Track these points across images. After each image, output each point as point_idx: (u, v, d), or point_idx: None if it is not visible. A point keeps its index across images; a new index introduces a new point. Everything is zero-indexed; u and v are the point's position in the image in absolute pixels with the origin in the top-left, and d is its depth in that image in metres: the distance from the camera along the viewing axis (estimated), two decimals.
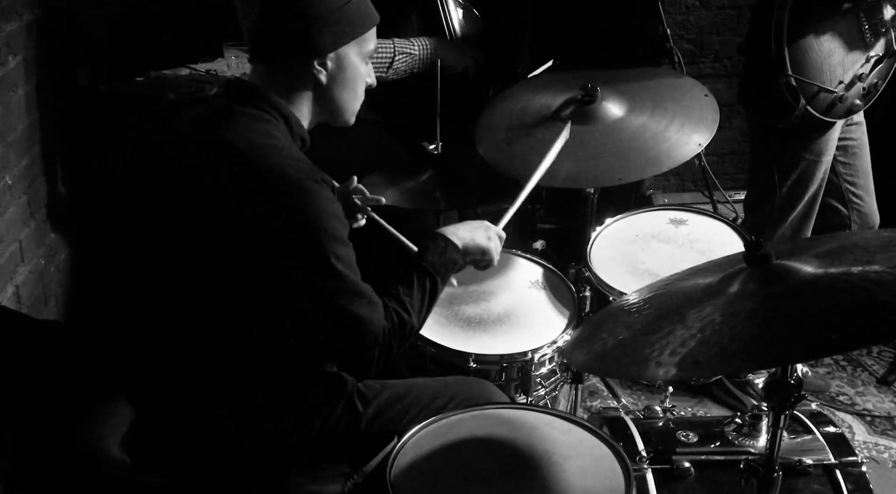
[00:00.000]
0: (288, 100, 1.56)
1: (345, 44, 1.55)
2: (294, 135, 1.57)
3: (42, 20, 2.48)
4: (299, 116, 1.58)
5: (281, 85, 1.56)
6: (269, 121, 1.53)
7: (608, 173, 2.04)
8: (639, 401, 2.74)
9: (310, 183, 1.46)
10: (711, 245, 2.15)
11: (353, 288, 1.48)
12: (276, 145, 1.50)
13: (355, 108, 1.65)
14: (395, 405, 1.68)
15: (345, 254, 1.48)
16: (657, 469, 1.55)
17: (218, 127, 1.52)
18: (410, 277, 1.62)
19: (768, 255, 1.25)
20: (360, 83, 1.62)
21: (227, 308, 1.53)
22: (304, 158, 1.53)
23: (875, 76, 2.50)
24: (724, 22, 3.63)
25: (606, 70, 2.30)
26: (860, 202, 2.74)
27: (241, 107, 1.54)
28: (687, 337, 1.16)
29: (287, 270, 1.46)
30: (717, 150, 3.72)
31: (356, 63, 1.59)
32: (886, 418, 2.70)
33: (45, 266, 2.47)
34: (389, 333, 1.52)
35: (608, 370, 1.83)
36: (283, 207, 1.44)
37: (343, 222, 1.50)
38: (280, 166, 1.46)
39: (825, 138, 2.56)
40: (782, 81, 2.40)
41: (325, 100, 1.60)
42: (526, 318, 1.96)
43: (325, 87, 1.57)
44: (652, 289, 1.46)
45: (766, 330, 1.13)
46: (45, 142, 2.49)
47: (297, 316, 1.51)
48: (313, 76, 1.55)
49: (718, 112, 2.12)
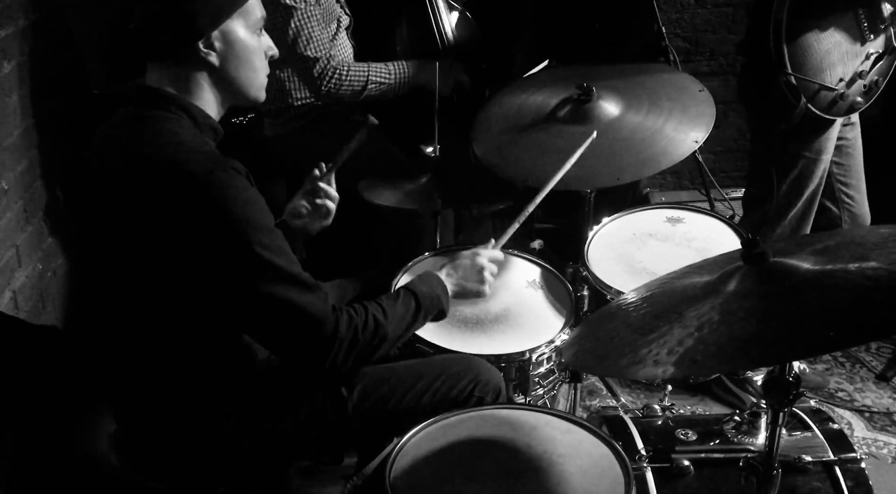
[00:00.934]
0: (187, 93, 1.54)
1: (225, 20, 1.51)
2: (201, 127, 1.55)
3: (37, 25, 2.48)
4: (202, 106, 1.56)
5: (176, 78, 1.54)
6: (171, 120, 1.52)
7: (605, 174, 2.04)
8: (638, 400, 2.74)
9: (217, 173, 1.44)
10: (708, 243, 2.14)
11: (285, 274, 1.47)
12: (177, 142, 1.48)
13: (261, 83, 1.62)
14: (381, 387, 1.68)
15: (269, 241, 1.47)
16: (657, 468, 1.54)
17: (124, 135, 1.52)
18: (398, 294, 1.65)
19: (765, 253, 1.25)
20: (257, 56, 1.58)
21: (184, 309, 1.52)
22: (209, 150, 1.51)
23: (875, 73, 2.50)
24: (720, 20, 3.63)
25: (602, 67, 2.30)
26: (851, 202, 2.74)
27: (146, 111, 1.53)
28: (685, 335, 1.16)
29: (214, 264, 1.46)
30: (714, 148, 3.72)
31: (245, 37, 1.55)
32: (885, 414, 2.71)
33: (42, 271, 2.47)
34: (355, 327, 1.52)
35: (606, 369, 1.83)
36: (193, 201, 1.43)
37: (262, 208, 1.48)
38: (182, 162, 1.45)
39: (825, 137, 2.56)
40: (782, 80, 2.40)
41: (225, 82, 1.56)
42: (523, 318, 1.96)
43: (219, 69, 1.54)
44: (649, 288, 1.46)
45: (763, 328, 1.13)
46: (42, 146, 2.49)
47: (238, 310, 1.50)
48: (203, 60, 1.52)
49: (714, 107, 2.11)
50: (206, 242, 1.45)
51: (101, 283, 1.64)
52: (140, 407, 1.64)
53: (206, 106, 1.57)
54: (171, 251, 1.47)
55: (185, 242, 1.46)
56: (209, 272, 1.47)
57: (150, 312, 1.55)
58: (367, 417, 1.66)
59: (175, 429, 1.61)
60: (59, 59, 2.67)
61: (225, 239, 1.44)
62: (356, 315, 1.55)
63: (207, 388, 1.59)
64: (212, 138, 1.58)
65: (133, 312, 1.58)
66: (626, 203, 2.98)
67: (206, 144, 1.54)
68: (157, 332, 1.57)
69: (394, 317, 1.59)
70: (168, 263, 1.48)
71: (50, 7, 2.58)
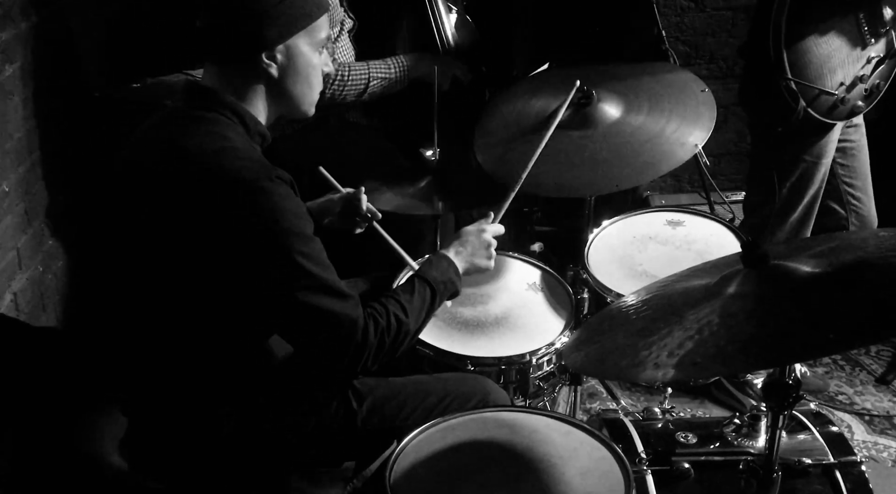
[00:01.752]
0: (242, 99, 1.55)
1: (292, 35, 1.53)
2: (251, 134, 1.56)
3: (38, 27, 2.48)
4: (255, 113, 1.57)
5: (234, 84, 1.55)
6: (223, 123, 1.52)
7: (606, 180, 2.03)
8: (638, 403, 2.74)
9: (264, 182, 1.45)
10: (709, 246, 2.15)
11: (322, 284, 1.48)
12: (229, 147, 1.49)
13: (313, 99, 1.64)
14: (391, 401, 1.68)
15: (310, 250, 1.48)
16: (657, 471, 1.54)
17: (172, 134, 1.52)
18: (412, 285, 1.65)
19: (765, 256, 1.25)
20: (315, 74, 1.60)
21: (207, 311, 1.53)
22: (258, 158, 1.52)
23: (877, 77, 2.50)
24: (719, 24, 3.64)
25: (602, 68, 2.29)
26: (859, 204, 2.73)
27: (197, 111, 1.53)
28: (685, 338, 1.16)
29: (255, 272, 1.47)
30: (714, 151, 3.73)
31: (307, 54, 1.57)
32: (885, 417, 2.71)
33: (43, 273, 2.47)
34: (381, 331, 1.53)
35: (606, 372, 1.83)
36: (239, 210, 1.44)
37: (304, 218, 1.50)
38: (233, 170, 1.46)
39: (825, 140, 2.56)
40: (782, 84, 2.40)
41: (280, 94, 1.58)
42: (524, 321, 1.97)
43: (277, 81, 1.56)
44: (649, 291, 1.47)
45: (763, 331, 1.13)
46: (43, 149, 2.49)
47: (275, 317, 1.52)
48: (264, 71, 1.53)
49: (716, 109, 2.11)
50: (247, 248, 1.46)
51: (117, 282, 1.63)
52: (145, 408, 1.64)
53: (258, 113, 1.58)
54: (209, 253, 1.47)
55: (224, 246, 1.46)
56: (247, 277, 1.47)
57: (172, 313, 1.55)
58: (373, 431, 1.66)
59: (180, 431, 1.61)
60: (61, 61, 2.67)
61: (266, 246, 1.45)
62: (381, 318, 1.56)
63: (215, 392, 1.59)
64: (259, 144, 1.59)
65: (151, 312, 1.58)
66: (627, 206, 2.98)
67: (255, 151, 1.55)
68: (174, 334, 1.57)
69: (413, 312, 1.61)
70: (203, 265, 1.49)
71: (51, 9, 2.58)
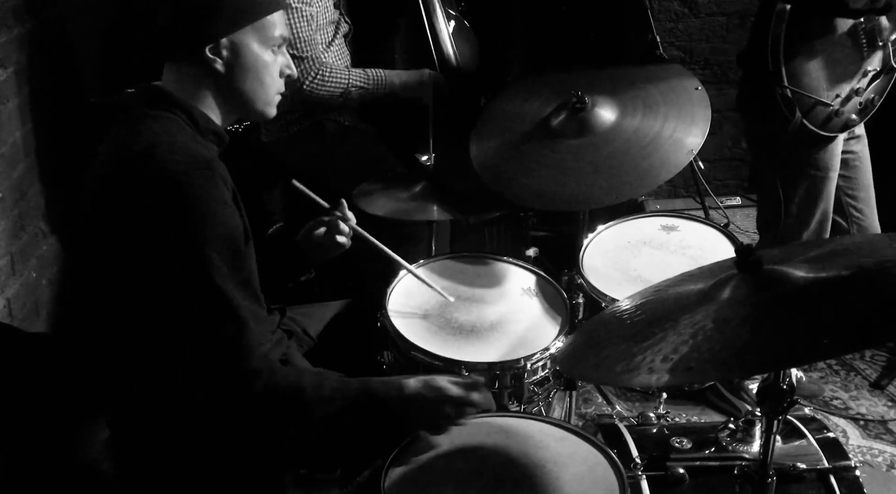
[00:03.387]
0: (193, 97, 1.54)
1: (237, 30, 1.52)
2: (203, 132, 1.55)
3: (33, 32, 2.48)
4: (207, 111, 1.56)
5: (184, 81, 1.54)
6: (171, 120, 1.51)
7: (604, 191, 2.01)
8: (633, 408, 2.74)
9: (191, 175, 1.41)
10: (703, 251, 2.15)
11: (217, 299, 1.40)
12: (168, 141, 1.46)
13: (267, 99, 1.60)
14: None
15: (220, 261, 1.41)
16: (652, 476, 1.54)
17: (120, 136, 1.52)
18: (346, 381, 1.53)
19: (759, 261, 1.25)
20: (268, 72, 1.57)
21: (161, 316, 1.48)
22: (193, 152, 1.48)
23: (872, 91, 2.50)
24: (714, 29, 3.65)
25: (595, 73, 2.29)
26: (860, 216, 2.72)
27: (149, 110, 1.53)
28: (679, 343, 1.16)
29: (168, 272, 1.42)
30: (709, 156, 3.74)
31: (257, 51, 1.54)
32: (880, 422, 2.71)
33: (37, 279, 2.46)
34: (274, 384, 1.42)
35: (600, 377, 1.83)
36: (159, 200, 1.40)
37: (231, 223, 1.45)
38: (161, 161, 1.43)
39: (829, 153, 2.55)
40: (779, 93, 2.40)
41: (229, 92, 1.56)
42: (518, 326, 1.96)
43: (224, 78, 1.54)
44: (644, 295, 1.47)
45: (757, 336, 1.13)
46: (38, 154, 2.49)
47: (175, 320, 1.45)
48: (211, 67, 1.52)
49: (710, 107, 2.09)
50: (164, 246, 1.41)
51: (91, 290, 1.63)
52: (133, 414, 1.64)
53: (210, 112, 1.57)
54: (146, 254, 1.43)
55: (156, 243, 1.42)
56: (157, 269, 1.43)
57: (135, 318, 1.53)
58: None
59: (169, 436, 1.60)
60: (57, 66, 2.67)
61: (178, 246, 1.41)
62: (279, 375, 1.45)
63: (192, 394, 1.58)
64: (215, 143, 1.58)
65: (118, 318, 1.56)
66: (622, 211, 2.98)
67: (204, 148, 1.53)
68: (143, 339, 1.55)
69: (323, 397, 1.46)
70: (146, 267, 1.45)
71: (46, 14, 2.58)
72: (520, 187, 2.09)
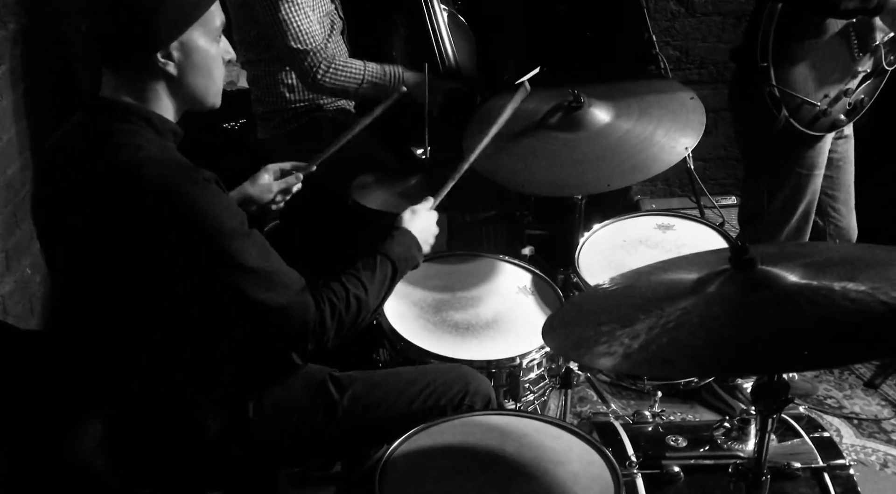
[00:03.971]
0: (145, 101, 1.52)
1: (185, 30, 1.48)
2: (163, 134, 1.53)
3: (27, 29, 2.47)
4: (161, 112, 1.54)
5: (133, 88, 1.51)
6: (132, 132, 1.49)
7: (596, 180, 2.04)
8: (628, 406, 2.74)
9: (188, 186, 1.44)
10: (698, 250, 2.14)
11: (265, 278, 1.48)
12: (144, 157, 1.46)
13: (217, 90, 1.60)
14: (373, 391, 1.68)
15: (247, 246, 1.47)
16: (647, 474, 1.54)
17: (83, 148, 1.50)
18: (374, 262, 1.66)
19: (753, 260, 1.25)
20: (216, 64, 1.56)
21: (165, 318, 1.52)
22: (176, 162, 1.49)
23: (862, 92, 2.50)
24: (710, 28, 3.65)
25: (593, 75, 2.31)
26: (838, 216, 2.74)
27: (104, 123, 1.50)
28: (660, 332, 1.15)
29: (198, 277, 1.46)
30: (704, 156, 3.74)
31: (205, 46, 1.52)
32: (874, 421, 2.72)
33: (31, 276, 2.46)
34: (339, 312, 1.55)
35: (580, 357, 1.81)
36: (167, 217, 1.43)
37: (236, 214, 1.49)
38: (155, 178, 1.44)
39: (816, 152, 2.56)
40: (766, 91, 2.41)
41: (182, 91, 1.54)
42: (514, 324, 1.97)
43: (176, 78, 1.52)
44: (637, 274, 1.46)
45: (740, 337, 1.12)
46: (32, 150, 2.48)
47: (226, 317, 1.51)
48: (161, 70, 1.50)
49: (705, 115, 2.12)
50: (184, 255, 1.45)
51: (78, 291, 1.62)
52: (128, 412, 1.63)
53: (164, 111, 1.54)
54: (151, 264, 1.46)
55: (163, 256, 1.45)
56: (192, 284, 1.47)
57: (136, 320, 1.54)
58: (357, 422, 1.66)
59: (163, 434, 1.60)
60: (51, 63, 2.67)
61: (201, 250, 1.45)
62: (338, 300, 1.57)
63: (195, 392, 1.58)
64: (172, 141, 1.56)
65: (117, 319, 1.57)
66: (617, 210, 2.99)
67: (171, 151, 1.53)
68: (142, 339, 1.56)
69: (373, 289, 1.62)
70: (149, 276, 1.48)
71: (41, 12, 2.57)
72: (512, 173, 2.09)
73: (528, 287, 2.09)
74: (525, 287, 2.09)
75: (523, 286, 2.09)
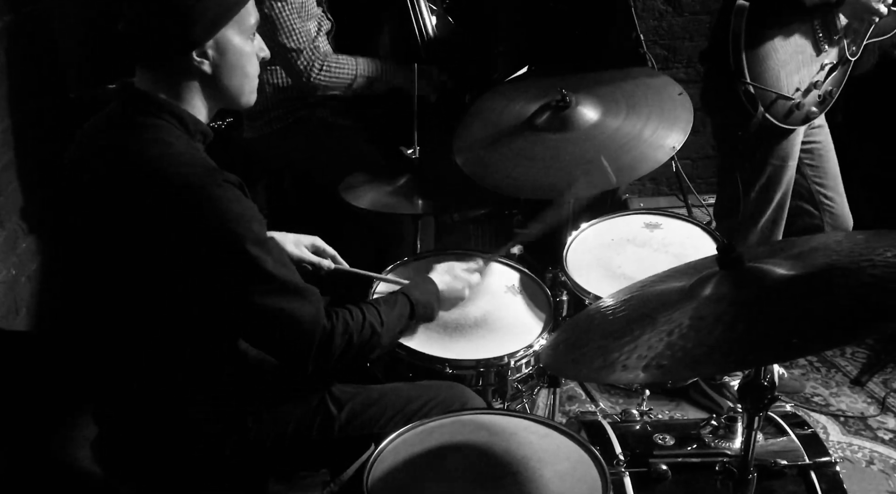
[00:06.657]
0: (178, 99, 1.52)
1: (221, 28, 1.49)
2: (192, 133, 1.54)
3: (13, 27, 2.45)
4: (194, 112, 1.54)
5: (168, 85, 1.52)
6: (163, 128, 1.50)
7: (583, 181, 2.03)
8: (616, 405, 2.75)
9: (212, 188, 1.44)
10: (686, 248, 2.16)
11: (281, 285, 1.49)
12: (171, 154, 1.47)
13: (251, 88, 1.60)
14: (370, 408, 1.68)
15: (265, 252, 1.48)
16: (634, 473, 1.55)
17: (115, 141, 1.50)
18: (395, 299, 1.71)
19: (740, 258, 1.26)
20: (250, 62, 1.57)
21: (169, 317, 1.52)
22: (202, 162, 1.50)
23: (830, 83, 2.55)
24: (697, 27, 3.67)
25: (581, 73, 2.30)
26: (831, 203, 2.77)
27: (137, 117, 1.50)
28: (655, 340, 1.16)
29: (211, 278, 1.46)
30: (691, 155, 3.76)
31: (239, 44, 1.53)
32: (860, 418, 2.74)
33: (16, 276, 2.44)
34: (350, 334, 1.56)
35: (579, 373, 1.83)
36: (190, 217, 1.43)
37: (257, 220, 1.49)
38: (179, 176, 1.44)
39: (789, 143, 2.60)
40: (741, 89, 2.43)
41: (216, 89, 1.55)
42: (503, 323, 1.96)
43: (211, 77, 1.52)
44: (630, 291, 1.47)
45: (731, 334, 1.13)
46: (18, 149, 2.47)
47: (235, 321, 1.52)
48: (197, 69, 1.50)
49: (692, 111, 2.12)
50: (201, 255, 1.45)
51: (85, 287, 1.62)
52: (119, 413, 1.63)
53: (197, 111, 1.56)
54: (164, 262, 1.46)
55: (179, 255, 1.45)
56: (204, 284, 1.47)
57: (138, 319, 1.54)
58: (352, 437, 1.66)
59: (155, 437, 1.60)
60: (39, 60, 2.64)
61: (221, 253, 1.45)
62: (352, 321, 1.58)
63: (190, 396, 1.58)
64: (201, 142, 1.57)
65: (119, 318, 1.56)
66: (605, 208, 2.99)
67: (199, 152, 1.53)
68: (144, 339, 1.55)
69: (389, 326, 1.65)
70: (160, 273, 1.47)
71: (27, 9, 2.55)
72: (499, 175, 2.10)
73: (516, 286, 2.09)
74: (513, 286, 2.09)
75: (511, 285, 2.09)
